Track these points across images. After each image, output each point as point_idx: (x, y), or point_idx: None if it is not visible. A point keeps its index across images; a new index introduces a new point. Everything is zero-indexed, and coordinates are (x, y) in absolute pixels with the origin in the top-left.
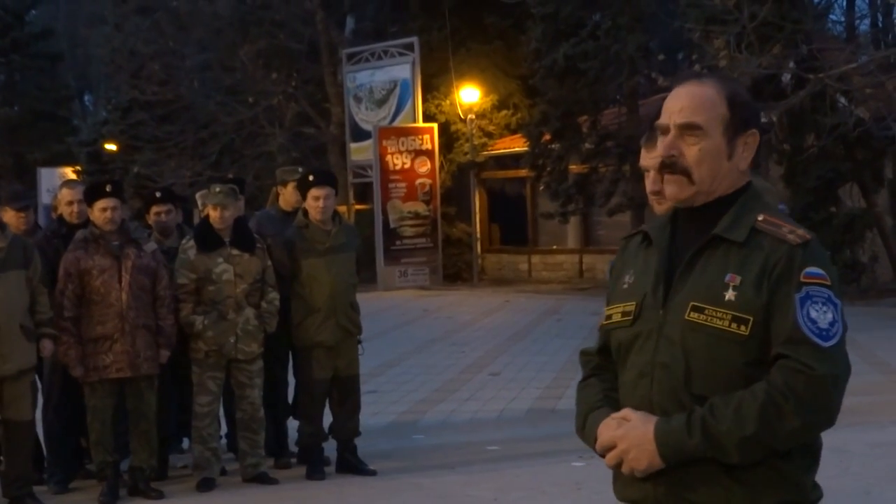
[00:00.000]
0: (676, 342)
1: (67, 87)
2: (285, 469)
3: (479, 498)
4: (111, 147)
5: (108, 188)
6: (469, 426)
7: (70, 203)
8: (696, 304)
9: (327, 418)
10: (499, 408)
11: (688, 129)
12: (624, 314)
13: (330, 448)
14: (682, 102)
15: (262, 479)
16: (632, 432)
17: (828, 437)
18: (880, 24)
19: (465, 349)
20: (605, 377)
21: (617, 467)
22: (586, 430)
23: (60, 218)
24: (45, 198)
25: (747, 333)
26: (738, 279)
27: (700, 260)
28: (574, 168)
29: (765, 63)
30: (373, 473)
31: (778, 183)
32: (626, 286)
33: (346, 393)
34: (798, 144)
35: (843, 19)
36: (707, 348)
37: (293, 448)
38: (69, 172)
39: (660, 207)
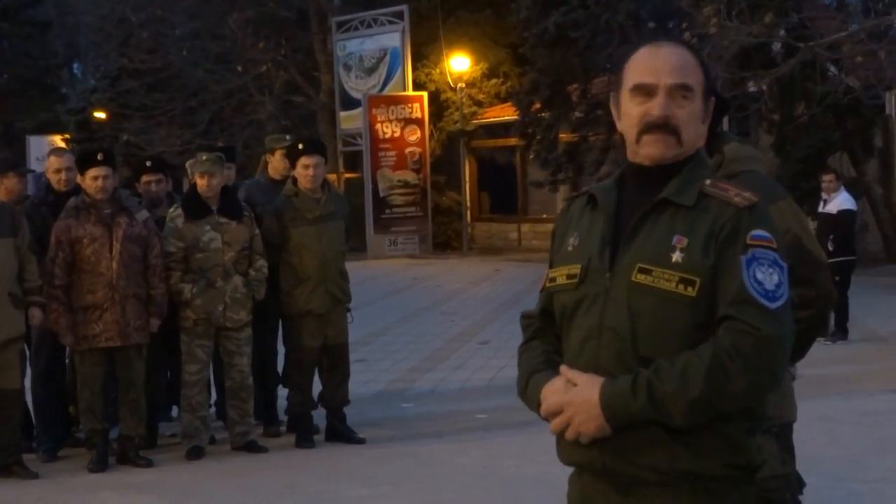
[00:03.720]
0: (623, 304)
1: (56, 54)
2: (275, 437)
3: (469, 466)
4: (100, 115)
5: (99, 156)
6: (458, 395)
7: (58, 171)
8: (642, 265)
9: (316, 387)
10: (488, 376)
11: (681, 89)
12: (569, 276)
13: (319, 416)
14: (671, 63)
15: (252, 448)
16: (577, 397)
17: (816, 406)
18: None
19: (454, 318)
20: (547, 339)
21: (561, 433)
22: (528, 392)
23: (48, 185)
24: (34, 165)
25: (694, 295)
26: (685, 241)
27: (647, 222)
28: (564, 136)
29: (755, 32)
30: (362, 441)
31: (768, 152)
32: (570, 248)
33: (335, 361)
34: (788, 113)
35: None
36: (654, 310)
37: (282, 416)
38: (58, 140)
39: None
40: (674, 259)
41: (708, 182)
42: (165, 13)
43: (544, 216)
